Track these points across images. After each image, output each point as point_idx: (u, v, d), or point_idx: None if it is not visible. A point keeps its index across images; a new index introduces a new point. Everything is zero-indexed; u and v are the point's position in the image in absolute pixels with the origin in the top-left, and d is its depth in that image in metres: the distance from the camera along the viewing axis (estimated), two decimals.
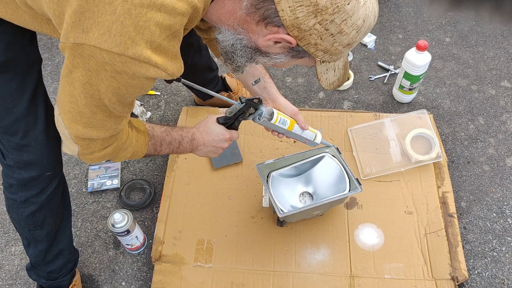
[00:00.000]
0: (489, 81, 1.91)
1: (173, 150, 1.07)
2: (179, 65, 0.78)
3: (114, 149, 0.92)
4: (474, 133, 1.73)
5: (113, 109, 0.80)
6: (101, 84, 0.74)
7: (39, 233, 1.15)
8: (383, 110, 1.80)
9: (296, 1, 0.71)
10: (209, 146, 1.11)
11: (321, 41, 0.76)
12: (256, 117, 1.07)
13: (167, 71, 0.74)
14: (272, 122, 1.09)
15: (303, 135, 1.20)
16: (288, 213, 1.24)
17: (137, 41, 0.68)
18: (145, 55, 0.70)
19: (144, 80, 0.75)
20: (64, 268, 1.27)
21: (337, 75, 0.89)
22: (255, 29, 0.78)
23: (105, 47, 0.68)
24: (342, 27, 0.74)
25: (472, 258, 1.42)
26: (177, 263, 1.37)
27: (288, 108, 1.16)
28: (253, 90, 1.19)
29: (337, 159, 1.36)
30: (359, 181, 1.30)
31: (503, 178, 1.60)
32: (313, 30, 0.74)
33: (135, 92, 0.78)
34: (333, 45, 0.77)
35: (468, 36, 2.10)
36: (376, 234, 1.41)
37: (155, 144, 1.02)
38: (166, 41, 0.71)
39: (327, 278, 1.33)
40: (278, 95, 1.17)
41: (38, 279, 1.27)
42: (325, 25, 0.73)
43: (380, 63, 1.99)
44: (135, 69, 0.71)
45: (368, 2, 0.75)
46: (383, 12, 2.23)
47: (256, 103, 1.06)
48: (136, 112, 1.79)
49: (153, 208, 1.57)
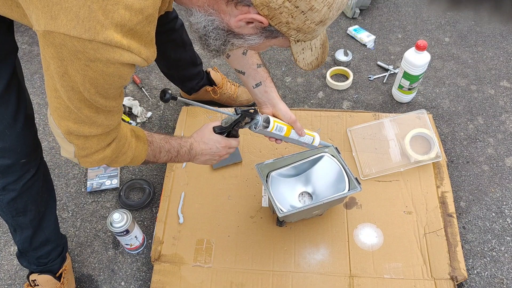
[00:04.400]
0: (488, 81, 1.91)
1: (172, 159, 1.07)
2: (153, 50, 0.76)
3: (113, 151, 0.91)
4: (474, 133, 1.73)
5: (95, 103, 0.78)
6: (77, 75, 0.72)
7: (22, 219, 1.17)
8: (383, 110, 1.80)
9: None
10: (207, 155, 1.11)
11: (292, 19, 0.74)
12: (252, 126, 1.08)
13: (141, 56, 0.72)
14: (268, 130, 1.09)
15: (301, 140, 1.20)
16: (287, 213, 1.24)
17: (106, 25, 0.66)
18: (116, 40, 0.67)
19: (120, 67, 0.72)
20: (53, 253, 1.30)
21: (315, 54, 0.88)
22: (225, 9, 0.76)
23: (75, 34, 0.66)
24: (312, 4, 0.71)
25: (471, 257, 1.42)
26: (176, 263, 1.37)
27: (286, 115, 1.15)
28: (254, 93, 1.19)
29: (336, 158, 1.36)
30: (359, 181, 1.30)
31: (502, 178, 1.60)
32: (283, 8, 0.72)
33: (114, 82, 0.76)
34: (305, 23, 0.75)
35: (468, 36, 2.10)
36: (375, 234, 1.41)
37: (154, 151, 1.02)
38: (139, 26, 0.69)
39: (327, 278, 1.33)
40: (278, 101, 1.17)
41: (29, 266, 1.31)
42: (294, 2, 0.71)
43: (379, 63, 1.99)
44: (108, 55, 0.69)
45: None
46: (382, 12, 2.23)
47: (252, 113, 1.06)
48: (136, 112, 1.79)
49: (153, 208, 1.57)
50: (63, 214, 1.56)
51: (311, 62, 0.89)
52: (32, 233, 1.21)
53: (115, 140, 0.91)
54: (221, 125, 1.10)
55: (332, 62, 2.01)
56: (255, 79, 1.18)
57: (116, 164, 0.96)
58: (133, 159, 0.97)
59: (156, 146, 1.02)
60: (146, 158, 1.00)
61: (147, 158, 1.01)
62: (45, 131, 1.78)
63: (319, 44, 0.87)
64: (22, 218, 1.17)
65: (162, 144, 1.04)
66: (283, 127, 1.12)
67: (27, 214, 1.17)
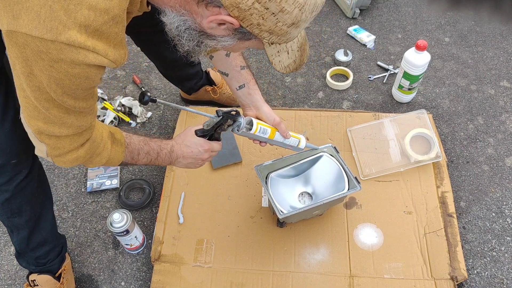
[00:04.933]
0: (488, 81, 1.91)
1: (151, 161, 1.05)
2: (123, 52, 0.74)
3: (87, 152, 0.89)
4: (474, 133, 1.73)
5: (63, 103, 0.76)
6: (42, 75, 0.70)
7: (18, 220, 1.16)
8: (383, 110, 1.80)
9: None
10: (189, 158, 1.09)
11: (263, 21, 0.72)
12: (234, 128, 1.05)
13: (108, 57, 0.71)
14: (251, 132, 1.07)
15: (286, 142, 1.18)
16: (288, 214, 1.24)
17: (69, 25, 0.64)
18: (80, 40, 0.66)
19: (86, 68, 0.71)
20: (51, 253, 1.29)
21: (292, 57, 0.86)
22: (197, 10, 0.75)
23: (37, 34, 0.64)
24: (282, 5, 0.70)
25: (471, 258, 1.42)
26: (176, 263, 1.37)
27: (270, 118, 1.13)
28: (237, 95, 1.18)
29: (335, 158, 1.36)
30: (358, 180, 1.30)
31: (502, 178, 1.60)
32: (253, 10, 0.70)
33: (81, 83, 0.74)
34: (277, 25, 0.73)
35: (468, 36, 2.10)
36: (375, 234, 1.41)
37: (132, 152, 1.00)
38: (105, 26, 0.68)
39: (327, 278, 1.33)
40: (262, 103, 1.16)
41: (28, 266, 1.31)
42: (264, 4, 0.69)
43: (379, 63, 1.99)
44: (72, 56, 0.67)
45: None
46: (382, 12, 2.23)
47: (234, 115, 1.03)
48: (136, 112, 1.79)
49: (152, 208, 1.57)
50: (63, 214, 1.56)
51: (288, 65, 0.87)
52: (28, 233, 1.20)
53: (89, 140, 0.89)
54: (203, 128, 1.08)
55: (332, 62, 2.01)
56: (238, 81, 1.16)
57: (91, 165, 0.94)
58: (109, 160, 0.96)
59: (134, 147, 1.00)
60: (123, 159, 0.98)
61: (124, 159, 0.99)
62: None
63: (296, 47, 0.85)
64: (18, 219, 1.16)
65: (141, 146, 1.02)
66: (267, 129, 1.10)
67: (22, 215, 1.16)
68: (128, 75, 1.98)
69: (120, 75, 1.98)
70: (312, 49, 2.08)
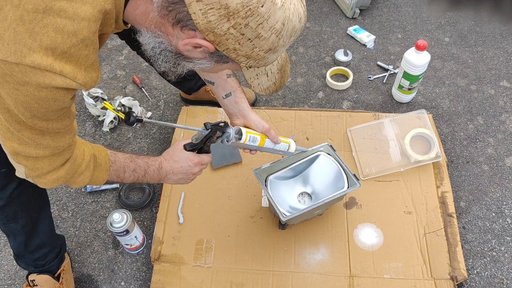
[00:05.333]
0: (488, 81, 1.91)
1: (139, 178, 1.02)
2: (95, 75, 0.72)
3: (68, 172, 0.87)
4: (473, 133, 1.73)
5: (35, 125, 0.74)
6: (9, 98, 0.69)
7: (14, 226, 1.15)
8: (382, 110, 1.80)
9: (206, 3, 0.65)
10: (179, 174, 1.06)
11: (240, 46, 0.70)
12: (224, 139, 1.04)
13: (77, 81, 0.69)
14: (241, 142, 1.05)
15: (276, 148, 1.16)
16: (291, 216, 1.24)
17: (34, 48, 0.64)
18: (45, 63, 0.65)
19: (54, 91, 0.69)
20: (50, 255, 1.29)
21: (272, 79, 0.84)
22: (172, 32, 0.72)
23: (0, 57, 0.64)
24: (259, 31, 0.68)
25: (471, 257, 1.42)
26: (176, 263, 1.37)
27: (259, 125, 1.11)
28: (224, 103, 1.15)
29: (332, 156, 1.37)
30: (357, 177, 1.30)
31: (502, 177, 1.60)
32: (228, 35, 0.68)
33: (50, 106, 0.71)
34: (254, 50, 0.72)
35: (468, 36, 2.10)
36: (375, 234, 1.41)
37: (117, 171, 0.97)
38: (74, 49, 0.66)
39: (327, 278, 1.33)
40: (249, 111, 1.13)
41: (27, 267, 1.31)
42: (239, 30, 0.67)
43: (379, 63, 1.99)
44: (38, 79, 0.66)
45: (287, 3, 0.68)
46: (382, 12, 2.23)
47: (222, 126, 1.02)
48: (136, 112, 1.79)
49: (152, 208, 1.57)
50: (63, 214, 1.56)
51: (268, 87, 0.85)
52: (26, 238, 1.19)
53: (70, 160, 0.87)
54: (192, 142, 1.06)
55: (332, 62, 2.01)
56: (224, 89, 1.14)
57: (74, 185, 0.92)
58: (93, 179, 0.93)
59: (119, 165, 0.98)
60: (108, 178, 0.96)
61: (109, 178, 0.96)
62: None
63: (276, 69, 0.83)
64: (14, 224, 1.15)
65: (126, 163, 0.99)
66: (256, 137, 1.09)
67: (18, 221, 1.15)
68: (128, 75, 1.98)
69: (120, 75, 1.98)
70: (312, 49, 2.08)
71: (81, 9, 0.65)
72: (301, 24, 0.73)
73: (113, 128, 1.78)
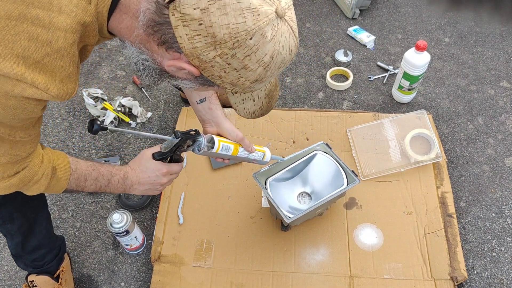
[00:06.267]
0: (488, 81, 1.91)
1: (101, 188, 0.97)
2: (70, 87, 0.69)
3: (21, 180, 0.83)
4: (473, 133, 1.73)
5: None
6: None
7: (10, 227, 1.14)
8: (382, 110, 1.80)
9: (193, 29, 0.63)
10: (146, 184, 1.01)
11: (225, 74, 0.68)
12: (195, 148, 0.99)
13: (49, 92, 0.66)
14: (213, 151, 1.00)
15: (251, 157, 1.12)
16: (295, 217, 1.24)
17: (4, 55, 0.61)
18: (16, 72, 0.62)
19: (23, 101, 0.67)
20: (48, 256, 1.28)
21: (259, 104, 0.81)
22: (157, 50, 0.70)
23: None
24: (245, 63, 0.66)
25: (471, 258, 1.42)
26: (176, 264, 1.37)
27: (232, 134, 1.06)
28: (198, 109, 1.10)
29: (329, 154, 1.37)
30: (355, 173, 1.30)
31: (502, 178, 1.60)
32: (214, 63, 0.66)
33: (17, 114, 0.69)
34: (239, 80, 0.69)
35: (467, 36, 2.10)
36: (375, 234, 1.41)
37: (77, 179, 0.92)
38: (48, 59, 0.64)
39: (327, 278, 1.33)
40: (223, 119, 1.09)
41: (26, 268, 1.31)
42: (226, 59, 0.65)
43: (379, 63, 1.99)
44: (6, 87, 0.64)
45: (277, 36, 0.65)
46: (382, 12, 2.23)
47: (193, 135, 0.97)
48: (136, 112, 1.79)
49: (152, 209, 1.57)
50: (63, 215, 1.56)
51: (254, 111, 0.83)
52: (22, 239, 1.18)
53: (26, 168, 0.83)
54: (161, 151, 0.99)
55: (332, 62, 2.01)
56: (199, 94, 1.09)
57: (28, 192, 0.88)
58: (49, 187, 0.89)
59: (80, 174, 0.93)
60: (67, 186, 0.91)
61: (69, 186, 0.91)
62: (44, 132, 1.78)
63: (264, 94, 0.80)
64: (10, 225, 1.14)
65: (88, 171, 0.94)
66: (230, 146, 1.04)
67: (14, 222, 1.13)
68: (128, 75, 1.98)
69: (120, 75, 1.98)
70: (312, 49, 2.08)
71: (57, 19, 0.63)
72: (291, 56, 0.70)
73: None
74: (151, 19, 0.66)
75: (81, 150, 1.71)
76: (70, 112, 1.84)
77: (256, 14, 0.63)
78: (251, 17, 0.62)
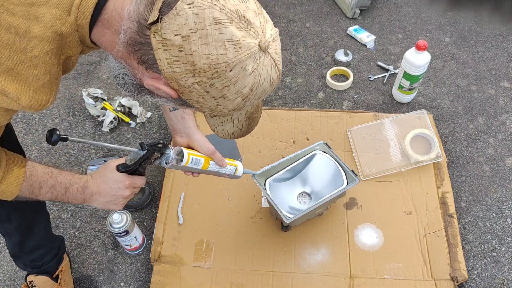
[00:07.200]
0: (488, 81, 1.90)
1: (58, 196, 0.91)
2: (45, 98, 0.67)
3: None
4: (474, 133, 1.73)
5: None
6: None
7: (8, 226, 1.14)
8: (383, 110, 1.80)
9: (173, 54, 0.62)
10: (107, 195, 0.95)
11: (203, 101, 0.66)
12: (163, 161, 0.94)
13: (20, 102, 0.64)
14: (182, 164, 0.96)
15: (222, 171, 1.08)
16: (294, 218, 1.24)
17: None
18: None
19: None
20: (47, 256, 1.28)
21: (238, 126, 0.80)
22: (137, 67, 0.69)
23: None
24: (224, 93, 0.64)
25: (471, 258, 1.42)
26: (176, 264, 1.37)
27: (203, 147, 1.02)
28: (169, 117, 1.06)
29: (328, 154, 1.36)
30: (355, 173, 1.30)
31: (502, 178, 1.60)
32: (192, 89, 0.64)
33: None
34: (217, 107, 0.68)
35: (468, 36, 2.10)
36: (375, 235, 1.41)
37: (32, 186, 0.86)
38: (22, 67, 0.62)
39: (327, 278, 1.33)
40: (194, 130, 1.04)
41: (25, 268, 1.31)
42: (204, 88, 0.64)
43: (379, 63, 1.99)
44: None
45: (259, 69, 0.64)
46: (382, 12, 2.23)
47: (161, 147, 0.93)
48: (135, 112, 1.79)
49: (152, 209, 1.56)
50: (62, 215, 1.55)
51: (233, 132, 0.82)
52: (20, 239, 1.18)
53: None
54: (126, 163, 0.94)
55: (332, 62, 2.01)
56: None
57: None
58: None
59: (35, 180, 0.86)
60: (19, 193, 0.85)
61: (20, 193, 0.85)
62: (44, 131, 1.77)
63: (244, 117, 0.79)
64: (8, 225, 1.14)
65: (44, 178, 0.87)
66: (200, 159, 1.00)
67: (12, 222, 1.13)
68: None
69: None
70: (312, 49, 2.07)
71: (33, 28, 0.62)
72: (272, 87, 0.69)
73: (113, 129, 1.78)
74: (132, 38, 0.65)
75: (80, 150, 1.71)
76: (69, 112, 1.84)
77: (238, 47, 0.61)
78: (232, 49, 0.61)
